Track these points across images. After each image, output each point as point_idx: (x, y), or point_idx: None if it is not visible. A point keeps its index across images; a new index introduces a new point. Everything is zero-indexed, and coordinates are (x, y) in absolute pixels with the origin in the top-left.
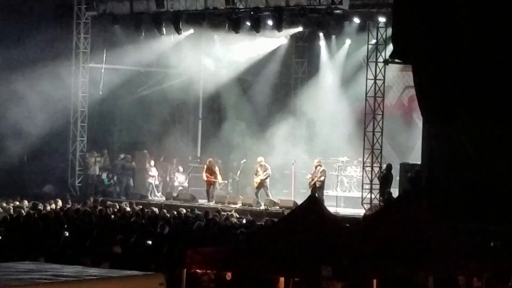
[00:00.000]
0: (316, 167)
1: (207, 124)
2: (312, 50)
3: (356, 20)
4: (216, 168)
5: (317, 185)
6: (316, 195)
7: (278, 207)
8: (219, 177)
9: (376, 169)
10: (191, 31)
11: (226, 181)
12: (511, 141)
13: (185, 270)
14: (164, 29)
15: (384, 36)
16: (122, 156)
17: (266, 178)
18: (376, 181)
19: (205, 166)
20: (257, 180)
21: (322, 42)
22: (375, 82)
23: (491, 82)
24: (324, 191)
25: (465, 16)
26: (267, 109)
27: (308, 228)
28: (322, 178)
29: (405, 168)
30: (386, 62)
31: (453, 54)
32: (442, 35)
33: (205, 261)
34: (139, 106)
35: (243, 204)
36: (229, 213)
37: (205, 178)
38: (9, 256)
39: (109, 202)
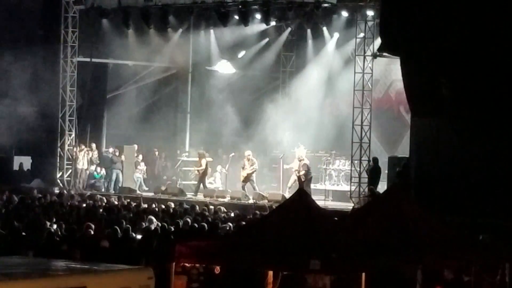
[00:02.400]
0: (300, 161)
1: (195, 118)
2: (300, 44)
3: (344, 13)
4: (203, 160)
5: (302, 179)
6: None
7: (266, 201)
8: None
9: (365, 163)
10: (180, 24)
11: (199, 169)
12: (499, 134)
13: (173, 263)
14: (152, 23)
15: (372, 30)
16: (110, 150)
17: (253, 172)
18: (364, 174)
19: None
20: (243, 173)
21: (310, 36)
22: (363, 76)
23: (479, 75)
24: (312, 185)
25: (453, 8)
26: (256, 103)
27: (297, 221)
28: (302, 172)
29: (393, 161)
30: (374, 55)
31: (442, 47)
32: (430, 28)
33: (193, 255)
34: (127, 100)
35: (231, 198)
36: (217, 207)
37: (196, 172)
38: None
39: (98, 196)
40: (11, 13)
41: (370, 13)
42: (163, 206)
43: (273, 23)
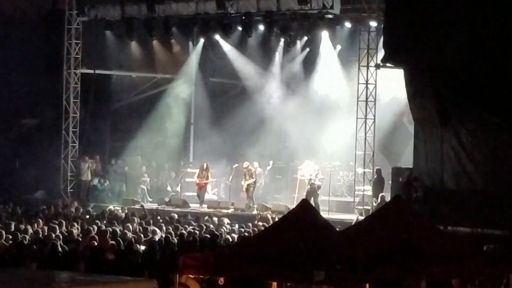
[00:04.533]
0: (316, 175)
1: (199, 129)
2: (303, 54)
3: (348, 24)
4: (204, 172)
5: (318, 191)
6: (312, 200)
7: (270, 212)
8: (209, 176)
9: (368, 174)
10: (183, 35)
11: (215, 179)
12: (503, 144)
13: (177, 275)
14: (155, 34)
15: (375, 41)
16: (114, 161)
17: (253, 183)
18: (368, 185)
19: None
20: (244, 185)
21: (313, 47)
22: (366, 87)
23: (482, 86)
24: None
25: (456, 20)
26: (259, 113)
27: (301, 232)
28: (319, 183)
29: (397, 172)
30: (377, 66)
31: (444, 58)
32: (433, 39)
33: (197, 266)
34: (130, 111)
35: (235, 209)
36: (221, 218)
37: (197, 181)
38: (1, 263)
39: (102, 208)
40: (14, 25)
41: (373, 24)
42: (167, 218)
43: (276, 34)
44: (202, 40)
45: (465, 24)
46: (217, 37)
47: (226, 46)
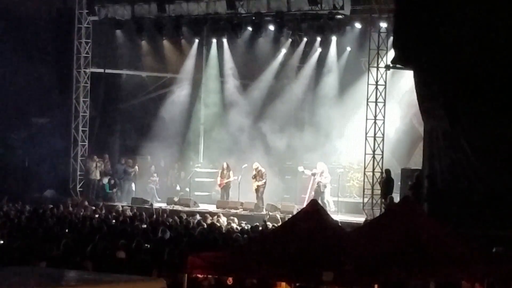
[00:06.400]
0: (320, 174)
1: (209, 129)
2: (313, 55)
3: (358, 25)
4: (225, 171)
5: (322, 190)
6: (319, 200)
7: (279, 212)
8: (231, 175)
9: (377, 175)
10: (193, 35)
11: (236, 177)
12: None
13: (186, 275)
14: (165, 33)
15: (385, 42)
16: (123, 161)
17: (263, 185)
18: (377, 186)
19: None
20: (254, 185)
21: (323, 47)
22: (376, 87)
23: (493, 87)
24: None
25: (466, 21)
26: (268, 113)
27: (309, 233)
28: (325, 181)
29: (406, 173)
30: (387, 67)
31: (455, 59)
32: (444, 40)
33: (206, 266)
34: (140, 111)
35: (244, 209)
36: (230, 218)
37: (218, 183)
38: (10, 260)
39: (111, 207)
40: (25, 24)
41: (383, 25)
42: (176, 217)
43: (286, 34)
44: (212, 40)
45: (475, 25)
46: (228, 37)
47: (234, 46)
